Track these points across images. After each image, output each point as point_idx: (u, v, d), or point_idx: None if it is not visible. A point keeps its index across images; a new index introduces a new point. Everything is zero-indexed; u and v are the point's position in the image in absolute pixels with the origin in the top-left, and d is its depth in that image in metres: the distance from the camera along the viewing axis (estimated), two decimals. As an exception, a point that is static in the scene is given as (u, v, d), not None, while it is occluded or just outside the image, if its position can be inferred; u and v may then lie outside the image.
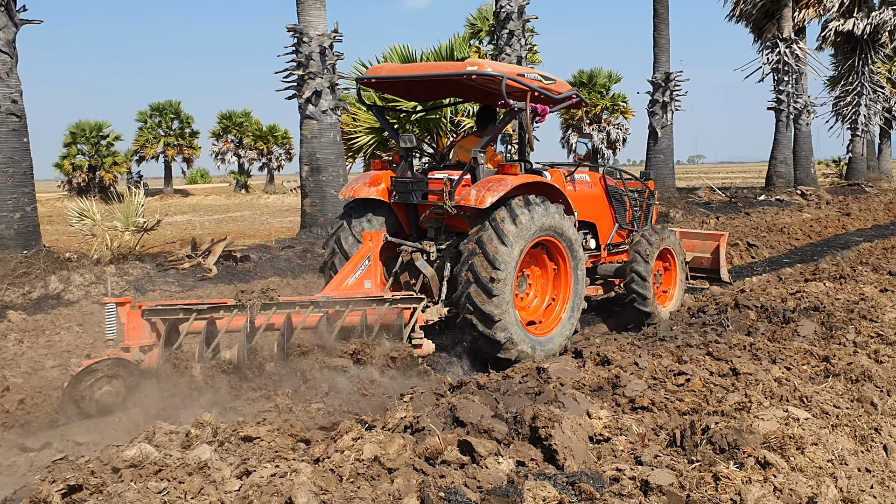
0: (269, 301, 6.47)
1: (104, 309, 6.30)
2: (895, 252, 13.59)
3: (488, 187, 7.41)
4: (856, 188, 35.69)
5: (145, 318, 6.21)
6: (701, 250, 11.23)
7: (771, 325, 7.91)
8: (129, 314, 6.17)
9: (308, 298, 6.77)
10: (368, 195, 8.15)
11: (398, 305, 7.01)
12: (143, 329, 6.20)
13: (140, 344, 6.17)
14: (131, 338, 6.16)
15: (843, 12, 35.84)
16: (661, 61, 22.63)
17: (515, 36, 17.13)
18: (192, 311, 6.28)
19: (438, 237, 8.19)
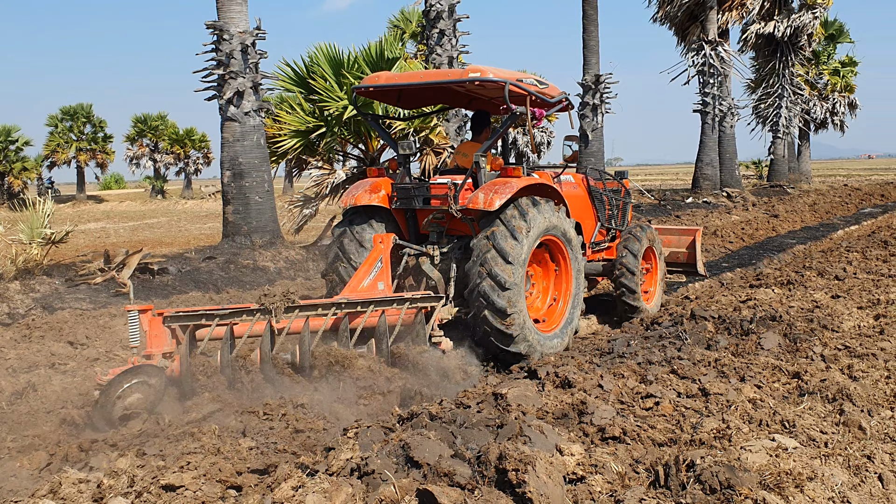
0: (291, 304, 6.50)
1: (127, 316, 6.23)
2: (834, 255, 13.48)
3: (495, 190, 7.64)
4: (778, 189, 36.33)
5: (166, 325, 6.19)
6: (676, 245, 11.52)
7: (731, 337, 7.53)
8: (151, 321, 6.16)
9: (329, 300, 6.88)
10: (370, 202, 8.25)
11: (418, 304, 7.14)
12: (164, 336, 6.19)
13: (162, 351, 6.15)
14: (154, 345, 6.14)
15: (764, 15, 36.41)
16: (590, 63, 22.42)
17: (446, 35, 16.62)
18: (213, 316, 6.27)
19: (440, 241, 8.38)
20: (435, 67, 16.52)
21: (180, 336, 6.23)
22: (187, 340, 6.18)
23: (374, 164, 15.67)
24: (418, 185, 8.38)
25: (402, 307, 7.06)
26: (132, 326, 6.18)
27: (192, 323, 6.25)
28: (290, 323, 6.53)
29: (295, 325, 6.57)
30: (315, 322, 6.67)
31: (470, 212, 7.85)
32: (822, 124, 46.41)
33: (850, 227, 21.71)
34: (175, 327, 6.22)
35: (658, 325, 8.22)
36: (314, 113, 14.76)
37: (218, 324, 6.30)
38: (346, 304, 6.78)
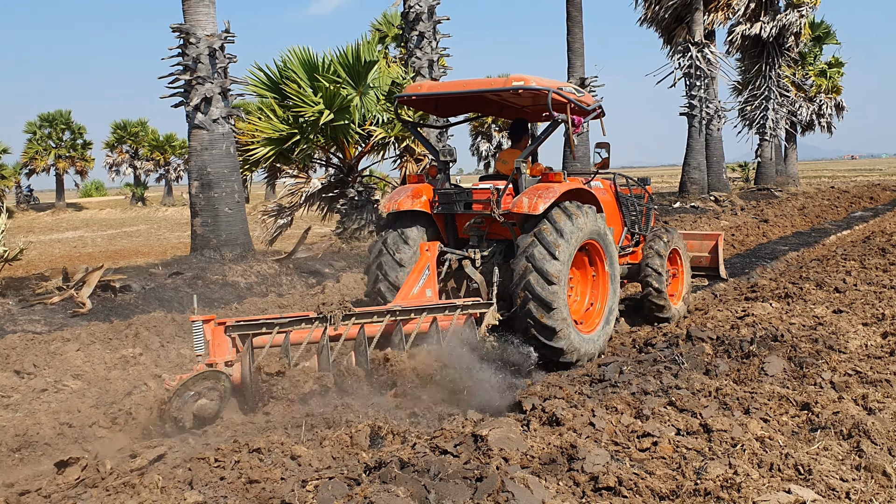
0: (348, 312, 6.67)
1: (192, 326, 6.27)
2: (830, 264, 12.98)
3: (539, 194, 7.84)
4: (766, 193, 35.92)
5: (227, 335, 6.31)
6: (699, 250, 11.79)
7: (731, 360, 7.00)
8: (214, 330, 6.26)
9: (384, 308, 7.04)
10: (413, 207, 8.46)
11: (469, 311, 7.38)
12: (226, 345, 6.30)
13: (224, 359, 6.25)
14: (216, 353, 6.24)
15: (750, 16, 36.04)
16: (575, 66, 21.91)
17: (426, 38, 16.06)
18: (273, 325, 6.41)
19: (481, 245, 8.57)
20: (415, 71, 15.98)
21: (239, 345, 6.36)
22: (248, 349, 6.31)
23: (351, 171, 15.11)
24: (460, 190, 8.58)
25: (453, 313, 7.26)
26: (196, 335, 6.25)
27: (252, 332, 6.37)
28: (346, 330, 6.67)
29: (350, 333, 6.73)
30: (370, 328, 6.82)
31: (511, 216, 8.11)
32: (809, 126, 46.12)
33: (843, 231, 21.27)
34: (235, 336, 6.34)
35: (652, 347, 7.68)
36: (288, 119, 14.17)
37: (277, 332, 6.41)
38: (401, 311, 6.98)
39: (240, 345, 6.37)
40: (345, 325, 6.64)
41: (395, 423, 5.85)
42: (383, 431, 5.61)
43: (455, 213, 8.59)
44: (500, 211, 8.10)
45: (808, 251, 17.07)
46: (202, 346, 6.23)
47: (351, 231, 14.94)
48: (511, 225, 8.26)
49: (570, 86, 8.56)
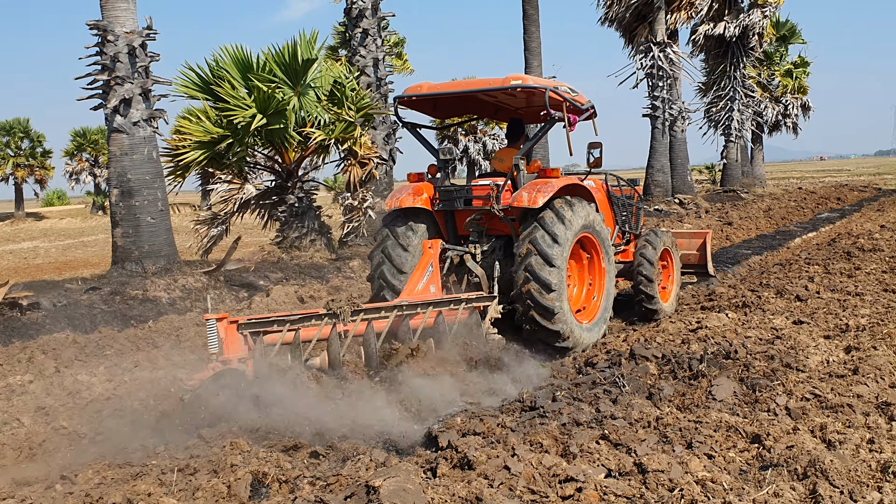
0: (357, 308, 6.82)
1: (206, 324, 6.39)
2: (792, 269, 12.37)
3: (538, 189, 8.12)
4: (732, 195, 35.53)
5: (240, 332, 6.44)
6: (688, 248, 12.03)
7: (677, 382, 6.30)
8: (227, 328, 6.38)
9: (392, 303, 7.25)
10: (414, 204, 8.68)
11: (473, 304, 7.62)
12: (239, 342, 6.43)
13: (237, 356, 6.38)
14: (230, 351, 6.36)
15: (713, 16, 35.63)
16: (532, 66, 21.23)
17: (370, 36, 15.31)
18: (284, 322, 6.57)
19: (481, 240, 8.85)
20: (359, 70, 15.24)
21: (251, 343, 6.47)
22: (259, 346, 6.46)
23: (290, 176, 14.32)
24: (460, 187, 8.82)
25: (458, 307, 7.50)
26: (210, 334, 6.35)
27: (263, 329, 6.53)
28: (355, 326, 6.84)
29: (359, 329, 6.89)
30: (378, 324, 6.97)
31: (510, 212, 8.42)
32: (776, 127, 45.84)
33: (808, 234, 20.78)
34: (247, 334, 6.46)
35: (593, 368, 6.96)
36: (221, 122, 13.35)
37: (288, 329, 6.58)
38: (407, 306, 7.16)
39: (251, 342, 6.49)
40: (353, 321, 6.80)
41: (287, 468, 5.07)
42: (269, 479, 4.83)
43: (455, 209, 8.86)
44: (499, 206, 8.34)
45: (772, 255, 16.52)
46: (216, 343, 6.33)
47: (291, 240, 14.14)
48: (510, 221, 8.54)
49: (564, 85, 8.77)
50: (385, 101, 15.47)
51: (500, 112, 10.16)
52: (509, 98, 9.06)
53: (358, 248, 15.24)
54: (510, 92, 8.64)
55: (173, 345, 8.93)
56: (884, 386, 6.08)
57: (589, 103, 9.21)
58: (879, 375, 6.26)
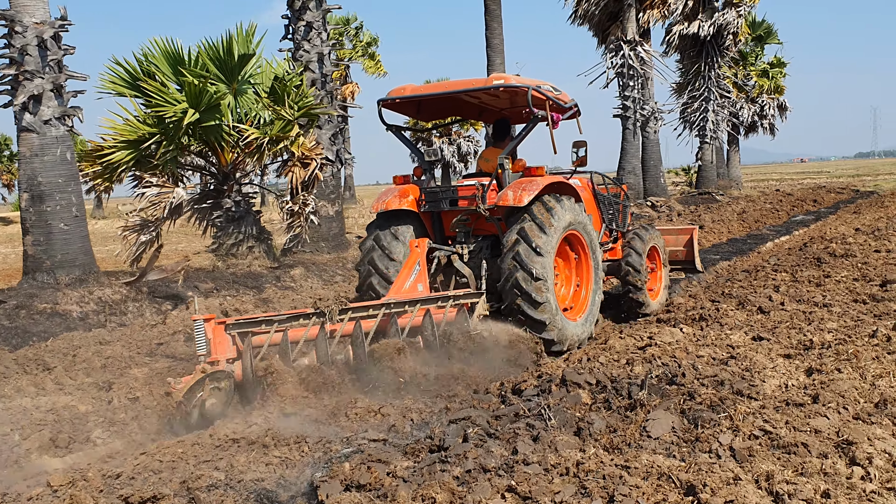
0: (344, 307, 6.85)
1: (194, 325, 6.37)
2: (759, 276, 11.62)
3: (523, 187, 8.19)
4: (707, 197, 34.90)
5: (228, 333, 6.41)
6: (675, 244, 12.08)
7: (611, 414, 5.49)
8: (215, 329, 6.36)
9: (379, 302, 7.25)
10: (401, 206, 8.74)
11: (461, 301, 7.70)
12: (227, 343, 6.40)
13: (226, 357, 6.37)
14: (218, 352, 6.35)
15: (688, 14, 35.01)
16: (495, 64, 20.41)
17: (315, 29, 14.45)
18: (272, 322, 6.55)
19: (468, 240, 8.95)
20: (303, 65, 14.36)
21: (239, 343, 6.44)
22: (248, 346, 6.40)
23: (227, 179, 13.43)
24: (446, 188, 8.84)
25: (446, 304, 7.58)
26: (198, 335, 6.32)
27: (251, 329, 6.50)
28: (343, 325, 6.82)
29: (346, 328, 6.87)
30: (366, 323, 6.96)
31: (496, 211, 8.47)
32: (752, 128, 45.26)
33: (781, 237, 20.09)
34: (235, 334, 6.44)
35: (519, 397, 6.12)
36: (150, 120, 12.46)
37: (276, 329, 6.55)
38: (395, 303, 7.18)
39: (240, 343, 6.45)
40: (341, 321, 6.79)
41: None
42: None
43: (442, 210, 8.89)
44: (485, 206, 8.39)
45: (741, 260, 15.79)
46: (204, 345, 6.31)
47: (227, 247, 13.24)
48: (496, 220, 8.58)
49: (547, 84, 8.83)
50: (332, 99, 14.61)
51: (485, 113, 10.26)
52: (493, 98, 9.08)
53: (302, 256, 14.39)
54: (493, 92, 8.67)
55: (67, 367, 8.03)
56: (846, 418, 5.30)
57: (572, 101, 9.28)
58: (842, 404, 5.48)
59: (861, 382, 5.96)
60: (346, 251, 14.94)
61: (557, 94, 8.97)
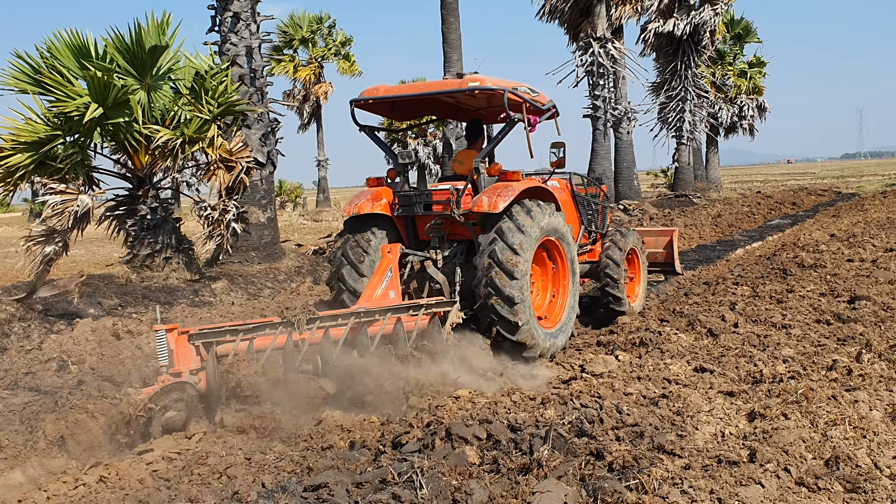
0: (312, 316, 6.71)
1: (155, 336, 6.12)
2: (717, 290, 10.65)
3: (498, 193, 8.02)
4: (683, 200, 33.96)
5: (192, 343, 6.18)
6: (654, 245, 11.96)
7: (497, 480, 4.46)
8: (178, 340, 6.14)
9: (349, 310, 7.04)
10: (372, 210, 8.54)
11: (433, 310, 7.58)
12: (190, 353, 6.19)
13: (189, 368, 6.14)
14: (181, 363, 6.12)
15: (663, 12, 34.04)
16: (451, 60, 19.33)
17: (242, 20, 13.35)
18: (237, 332, 6.33)
19: (442, 245, 8.70)
20: (229, 60, 13.25)
21: (204, 354, 6.24)
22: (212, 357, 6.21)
23: (143, 183, 12.32)
24: (420, 192, 8.65)
25: (417, 313, 7.43)
26: (160, 345, 6.15)
27: (216, 339, 6.27)
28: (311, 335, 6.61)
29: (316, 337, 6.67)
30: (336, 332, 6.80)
31: (471, 216, 8.24)
32: (732, 129, 44.27)
33: (753, 244, 19.14)
34: (199, 344, 6.21)
35: (399, 452, 5.04)
36: (52, 119, 11.34)
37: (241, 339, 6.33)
38: (365, 312, 7.01)
39: (204, 353, 6.22)
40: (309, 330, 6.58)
41: None
42: None
43: (415, 214, 8.70)
44: (459, 211, 8.19)
45: (706, 269, 14.79)
46: (166, 355, 6.12)
47: (142, 258, 12.11)
48: (471, 225, 8.39)
49: (524, 86, 8.65)
50: (262, 97, 13.49)
51: (461, 113, 10.07)
52: (469, 99, 8.93)
53: (230, 267, 13.29)
54: (469, 93, 8.39)
55: None
56: (786, 483, 4.31)
57: (550, 103, 9.11)
58: (784, 464, 4.48)
59: (811, 432, 4.96)
60: (280, 261, 13.84)
61: (535, 95, 8.77)
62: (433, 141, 57.32)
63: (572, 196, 10.17)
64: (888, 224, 18.10)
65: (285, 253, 14.21)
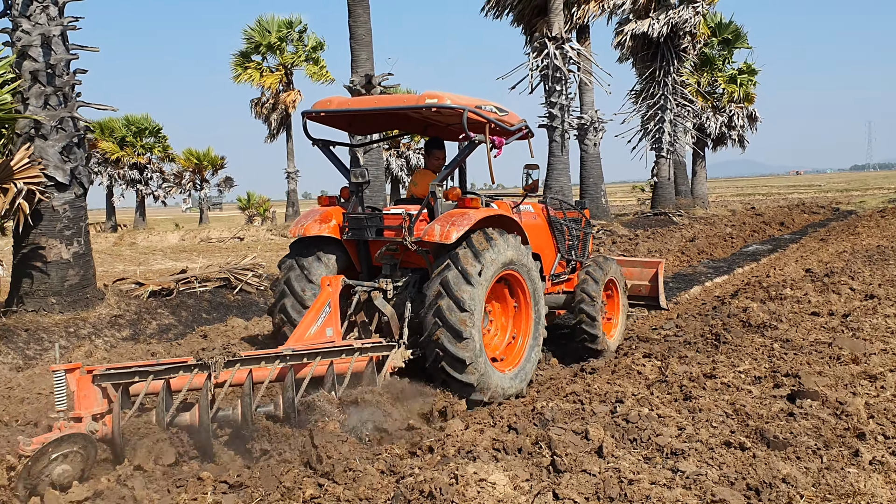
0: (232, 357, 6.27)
1: (53, 377, 5.84)
2: (621, 366, 7.79)
3: (452, 221, 7.53)
4: (662, 218, 31.13)
5: (96, 384, 5.90)
6: (639, 278, 11.57)
7: None
8: (80, 380, 5.88)
9: (273, 352, 6.61)
10: (320, 232, 8.13)
11: (369, 354, 7.04)
12: (94, 396, 5.89)
13: (92, 412, 5.84)
14: (83, 406, 5.83)
15: (638, 11, 31.21)
16: (360, 59, 16.44)
17: (38, 2, 10.48)
18: (148, 373, 6.04)
19: (394, 274, 8.27)
20: (20, 52, 10.43)
21: (112, 395, 5.93)
22: (119, 399, 5.87)
23: None
24: (371, 215, 8.25)
25: (351, 356, 6.87)
26: (58, 388, 5.78)
27: (125, 381, 5.98)
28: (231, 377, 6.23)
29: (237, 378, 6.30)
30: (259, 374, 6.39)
31: (425, 244, 7.72)
32: (721, 140, 41.23)
33: (717, 278, 16.27)
34: (107, 386, 5.92)
35: None
36: None
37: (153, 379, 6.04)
38: (291, 355, 6.55)
39: (112, 394, 5.91)
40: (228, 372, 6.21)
41: None
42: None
43: (366, 239, 8.23)
44: (412, 238, 7.71)
45: (633, 324, 11.85)
46: (64, 399, 5.75)
47: None
48: (426, 253, 7.88)
49: (490, 104, 8.18)
50: (65, 100, 10.62)
51: (431, 128, 9.42)
52: (436, 114, 8.15)
53: (21, 317, 10.42)
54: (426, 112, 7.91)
55: None
56: None
57: (521, 123, 8.67)
58: None
59: None
60: (92, 309, 10.94)
61: (502, 115, 8.22)
62: (406, 152, 54.49)
63: (548, 221, 9.79)
64: (877, 255, 15.28)
65: (104, 297, 11.30)
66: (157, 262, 25.36)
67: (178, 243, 41.47)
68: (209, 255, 29.60)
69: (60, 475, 5.45)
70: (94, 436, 5.71)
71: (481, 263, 7.39)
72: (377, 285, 8.03)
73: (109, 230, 61.00)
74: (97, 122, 60.70)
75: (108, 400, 5.92)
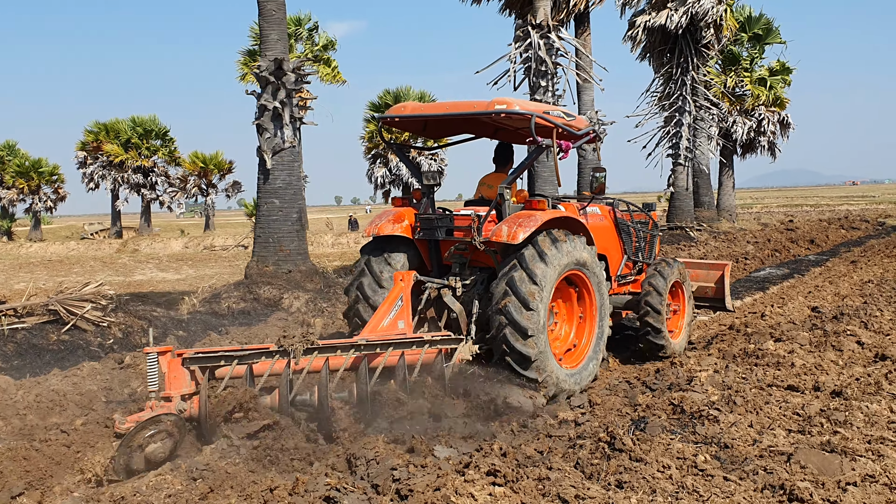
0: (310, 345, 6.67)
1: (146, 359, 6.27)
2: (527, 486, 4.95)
3: (519, 223, 7.78)
4: (678, 233, 28.04)
5: (185, 367, 6.34)
6: (705, 280, 11.71)
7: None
8: (170, 363, 6.30)
9: (349, 341, 6.98)
10: (393, 232, 8.50)
11: (438, 346, 7.27)
12: (183, 377, 6.31)
13: (181, 392, 6.25)
14: (172, 387, 6.25)
15: (655, 3, 28.18)
16: (269, 40, 13.71)
17: None
18: (233, 357, 6.47)
19: (463, 273, 8.54)
20: None
21: (199, 377, 6.35)
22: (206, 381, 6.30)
23: None
24: (442, 216, 8.61)
25: (422, 348, 7.15)
26: (151, 369, 6.19)
27: (211, 364, 6.41)
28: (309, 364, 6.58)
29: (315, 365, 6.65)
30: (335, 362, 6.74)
31: (493, 244, 8.01)
32: (750, 147, 37.77)
33: (705, 315, 13.28)
34: (194, 368, 6.34)
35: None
36: None
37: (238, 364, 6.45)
38: (366, 345, 6.89)
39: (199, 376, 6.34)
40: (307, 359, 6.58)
41: None
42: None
43: (436, 238, 8.57)
44: (480, 238, 8.01)
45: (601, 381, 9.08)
46: (156, 380, 6.15)
47: None
48: (493, 253, 8.19)
49: (558, 109, 8.56)
50: None
51: (500, 133, 9.73)
52: (506, 119, 8.30)
53: None
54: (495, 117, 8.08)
55: None
56: None
57: (589, 127, 8.88)
58: None
59: None
60: None
61: (569, 120, 8.46)
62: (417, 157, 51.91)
63: (615, 223, 10.00)
64: (908, 287, 12.26)
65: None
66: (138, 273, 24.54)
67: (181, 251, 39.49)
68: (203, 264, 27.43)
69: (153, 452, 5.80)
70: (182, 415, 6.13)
71: (546, 263, 7.64)
72: (447, 283, 8.39)
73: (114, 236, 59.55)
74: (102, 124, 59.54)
75: (196, 382, 6.35)
